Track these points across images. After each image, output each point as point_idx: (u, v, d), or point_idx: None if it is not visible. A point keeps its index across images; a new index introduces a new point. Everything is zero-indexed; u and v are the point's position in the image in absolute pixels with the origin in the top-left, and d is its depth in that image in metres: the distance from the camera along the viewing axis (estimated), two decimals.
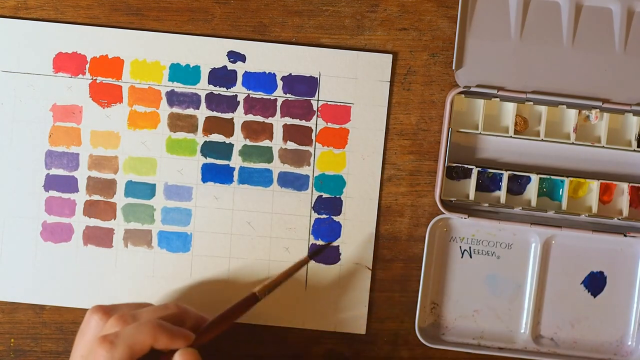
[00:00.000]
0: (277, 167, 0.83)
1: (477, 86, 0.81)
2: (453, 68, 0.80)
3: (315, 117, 0.83)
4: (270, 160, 0.83)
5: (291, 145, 0.83)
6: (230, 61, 0.82)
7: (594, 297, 0.84)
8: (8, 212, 0.83)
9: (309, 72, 0.83)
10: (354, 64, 0.82)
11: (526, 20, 0.81)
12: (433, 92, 0.83)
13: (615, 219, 0.82)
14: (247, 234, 0.83)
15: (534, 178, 0.81)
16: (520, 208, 0.82)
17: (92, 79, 0.82)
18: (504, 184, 0.81)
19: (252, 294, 0.76)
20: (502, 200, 0.81)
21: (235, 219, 0.83)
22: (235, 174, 0.83)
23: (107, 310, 0.72)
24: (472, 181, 0.81)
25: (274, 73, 0.83)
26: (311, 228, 0.83)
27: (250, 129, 0.83)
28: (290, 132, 0.83)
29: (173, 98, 0.83)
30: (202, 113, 0.83)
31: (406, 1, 0.82)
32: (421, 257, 0.83)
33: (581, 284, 0.84)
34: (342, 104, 0.83)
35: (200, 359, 0.70)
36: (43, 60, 0.82)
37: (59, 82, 0.82)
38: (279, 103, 0.83)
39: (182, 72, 0.82)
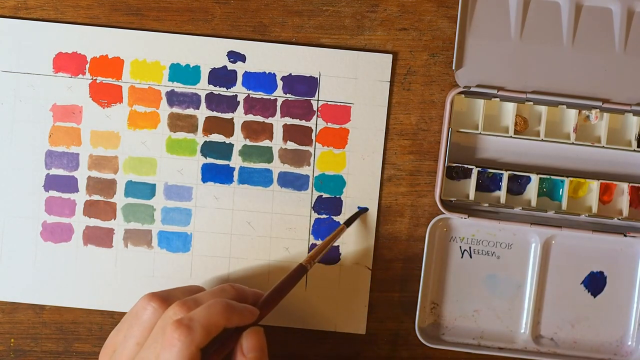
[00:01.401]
0: (277, 167, 0.83)
1: (477, 86, 0.81)
2: (453, 68, 0.80)
3: (315, 117, 0.83)
4: (270, 160, 0.83)
5: (291, 145, 0.83)
6: (230, 61, 0.82)
7: (594, 297, 0.84)
8: (8, 212, 0.83)
9: (309, 72, 0.83)
10: (354, 64, 0.82)
11: (526, 20, 0.81)
12: (433, 92, 0.83)
13: (615, 219, 0.82)
14: (247, 234, 0.83)
15: (534, 178, 0.81)
16: (520, 208, 0.82)
17: (92, 79, 0.82)
18: (504, 184, 0.81)
19: (300, 266, 0.77)
20: (502, 200, 0.81)
21: (235, 219, 0.83)
22: (235, 174, 0.83)
23: (163, 298, 0.70)
24: (472, 181, 0.81)
25: (274, 73, 0.83)
26: (311, 228, 0.83)
27: (250, 129, 0.83)
28: (290, 132, 0.83)
29: (173, 98, 0.83)
30: (202, 113, 0.83)
31: (406, 1, 0.82)
32: (421, 257, 0.83)
33: (581, 284, 0.84)
34: (342, 104, 0.83)
35: (264, 336, 0.70)
36: (43, 60, 0.82)
37: (59, 82, 0.82)
38: (279, 103, 0.83)
39: (182, 72, 0.82)
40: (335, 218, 0.83)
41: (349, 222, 0.82)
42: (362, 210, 0.83)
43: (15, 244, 0.83)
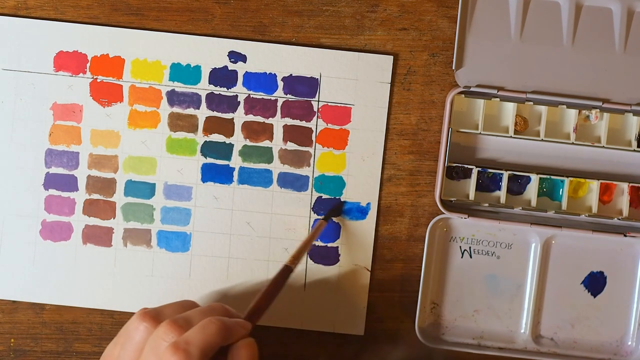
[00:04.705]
0: (277, 167, 0.83)
1: (477, 86, 0.81)
2: (453, 68, 0.81)
3: (315, 117, 0.83)
4: (270, 160, 0.83)
5: (291, 145, 0.83)
6: (231, 61, 0.83)
7: (594, 297, 0.84)
8: (7, 210, 0.83)
9: (310, 73, 0.83)
10: (354, 65, 0.82)
11: (526, 20, 0.81)
12: (433, 92, 0.83)
13: (615, 219, 0.82)
14: (247, 234, 0.83)
15: (534, 178, 0.81)
16: (520, 208, 0.82)
17: (92, 77, 0.82)
18: (504, 184, 0.81)
19: (286, 267, 0.76)
20: (502, 200, 0.81)
21: (235, 219, 0.83)
22: (235, 174, 0.83)
23: (154, 316, 0.69)
24: (472, 181, 0.81)
25: (274, 73, 0.83)
26: (310, 229, 0.83)
27: (250, 129, 0.83)
28: (290, 133, 0.83)
29: (173, 98, 0.83)
30: (203, 113, 0.83)
31: (406, 1, 0.82)
32: (421, 257, 0.83)
33: (581, 284, 0.84)
34: (342, 105, 0.83)
35: (256, 347, 0.69)
36: (44, 59, 0.82)
37: (59, 81, 0.82)
38: (279, 103, 0.83)
39: (183, 72, 0.83)
40: (334, 219, 0.83)
41: (327, 217, 0.82)
42: (338, 204, 0.83)
43: (15, 242, 0.83)
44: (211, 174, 0.83)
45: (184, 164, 0.83)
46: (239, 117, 0.83)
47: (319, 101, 0.83)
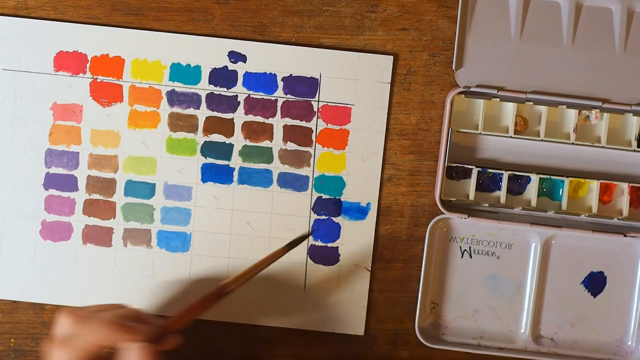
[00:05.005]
0: (277, 167, 0.83)
1: (477, 86, 0.81)
2: (453, 68, 0.81)
3: (315, 118, 0.83)
4: (270, 160, 0.83)
5: (291, 146, 0.83)
6: (231, 61, 0.82)
7: (594, 297, 0.84)
8: (8, 210, 0.83)
9: (310, 73, 0.83)
10: (354, 65, 0.82)
11: (526, 20, 0.81)
12: (433, 92, 0.83)
13: (615, 219, 0.82)
14: (247, 234, 0.83)
15: (534, 178, 0.81)
16: (520, 208, 0.82)
17: (92, 78, 0.82)
18: (504, 184, 0.81)
19: (223, 286, 0.75)
20: (502, 200, 0.81)
21: (235, 219, 0.83)
22: (235, 174, 0.83)
23: (72, 311, 0.69)
24: (472, 181, 0.81)
25: (274, 73, 0.83)
26: (310, 229, 0.83)
27: (250, 130, 0.83)
28: (290, 133, 0.83)
29: (173, 98, 0.83)
30: (203, 113, 0.83)
31: (406, 1, 0.82)
32: (421, 257, 0.83)
33: (581, 284, 0.84)
34: (342, 105, 0.83)
35: (154, 352, 0.68)
36: (44, 59, 0.82)
37: (59, 81, 0.82)
38: (279, 104, 0.83)
39: (183, 72, 0.82)
40: (334, 219, 0.83)
41: (290, 246, 0.78)
42: (304, 236, 0.80)
43: (15, 242, 0.83)
44: (211, 174, 0.83)
45: (184, 164, 0.83)
46: (239, 117, 0.83)
47: (319, 101, 0.83)
